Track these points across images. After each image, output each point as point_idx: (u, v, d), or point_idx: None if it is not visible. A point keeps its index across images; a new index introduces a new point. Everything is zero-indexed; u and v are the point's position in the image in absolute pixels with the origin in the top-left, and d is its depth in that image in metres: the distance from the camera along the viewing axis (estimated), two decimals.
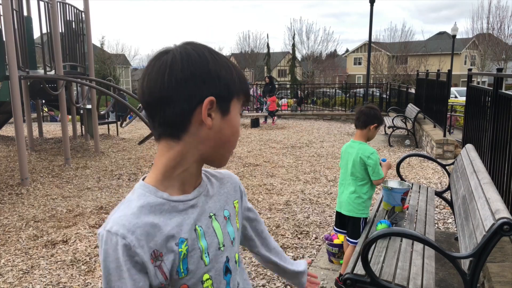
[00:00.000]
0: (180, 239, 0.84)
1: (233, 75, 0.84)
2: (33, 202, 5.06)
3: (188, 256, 0.85)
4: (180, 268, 0.84)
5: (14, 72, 5.59)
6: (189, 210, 0.87)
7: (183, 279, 0.85)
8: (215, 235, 0.90)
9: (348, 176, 2.99)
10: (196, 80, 0.79)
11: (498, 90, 3.72)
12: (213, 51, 0.85)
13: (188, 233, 0.85)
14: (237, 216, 1.01)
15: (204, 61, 0.81)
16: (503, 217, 1.93)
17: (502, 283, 2.41)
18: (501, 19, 27.43)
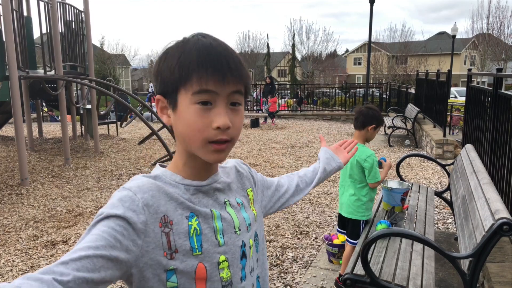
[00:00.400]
0: (191, 213, 0.86)
1: (173, 65, 0.81)
2: (33, 202, 5.06)
3: (202, 234, 0.86)
4: (194, 244, 0.84)
5: (14, 72, 5.59)
6: (200, 195, 0.89)
7: (198, 257, 0.84)
8: (232, 219, 0.92)
9: (347, 178, 2.98)
10: (154, 78, 0.88)
11: (498, 90, 3.73)
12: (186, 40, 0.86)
13: (200, 211, 0.87)
14: (252, 204, 1.02)
15: (161, 57, 0.86)
16: (503, 217, 1.93)
17: (501, 283, 2.41)
18: (501, 19, 27.43)
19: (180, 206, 0.84)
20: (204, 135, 0.81)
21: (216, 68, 0.79)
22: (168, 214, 0.82)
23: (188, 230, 0.83)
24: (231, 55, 0.83)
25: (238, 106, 0.85)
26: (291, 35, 41.86)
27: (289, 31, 64.07)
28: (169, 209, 0.83)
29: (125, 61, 52.41)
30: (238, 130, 0.86)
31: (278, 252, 3.61)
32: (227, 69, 0.80)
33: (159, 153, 7.80)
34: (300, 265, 3.40)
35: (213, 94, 0.80)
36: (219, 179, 0.93)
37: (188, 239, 0.83)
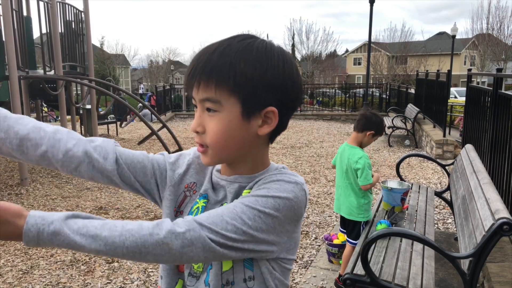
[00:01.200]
0: (204, 194, 0.91)
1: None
2: (32, 202, 5.06)
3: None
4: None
5: (14, 72, 5.58)
6: (219, 186, 0.92)
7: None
8: None
9: (344, 180, 2.95)
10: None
11: (498, 90, 3.73)
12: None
13: (213, 197, 0.91)
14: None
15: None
16: (503, 217, 1.93)
17: (501, 283, 2.41)
18: (501, 19, 27.43)
19: (206, 184, 0.92)
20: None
21: (187, 75, 0.82)
22: (197, 183, 0.93)
23: (193, 206, 0.91)
24: (205, 61, 0.78)
25: (213, 112, 0.80)
26: (291, 35, 41.86)
27: (289, 31, 64.06)
28: (199, 180, 0.93)
29: (124, 61, 52.40)
30: (212, 136, 0.81)
31: None
32: (194, 76, 0.80)
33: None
34: (300, 265, 3.39)
35: (194, 99, 0.83)
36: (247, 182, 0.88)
37: (188, 212, 0.91)
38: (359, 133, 2.93)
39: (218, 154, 0.84)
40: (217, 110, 0.80)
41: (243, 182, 0.88)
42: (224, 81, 0.77)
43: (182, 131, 11.37)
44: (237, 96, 0.79)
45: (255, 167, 0.89)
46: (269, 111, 0.82)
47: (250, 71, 0.78)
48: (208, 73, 0.78)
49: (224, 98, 0.79)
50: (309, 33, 42.02)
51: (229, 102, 0.79)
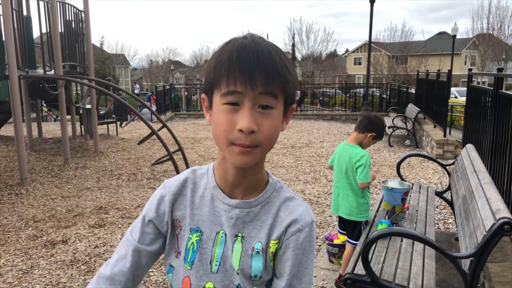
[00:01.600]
0: (196, 228, 0.89)
1: (211, 66, 0.82)
2: (32, 202, 5.05)
3: (198, 252, 0.88)
4: (187, 257, 0.89)
5: (14, 72, 5.58)
6: (221, 212, 0.88)
7: (187, 270, 0.89)
8: (231, 256, 0.87)
9: (344, 180, 2.93)
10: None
11: (499, 90, 3.72)
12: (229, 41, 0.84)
13: (207, 229, 0.88)
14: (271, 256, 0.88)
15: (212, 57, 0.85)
16: (504, 217, 1.92)
17: (502, 283, 2.41)
18: (501, 19, 27.42)
19: (194, 216, 0.90)
20: (228, 136, 0.79)
21: (243, 68, 0.77)
22: (180, 219, 0.91)
23: (187, 243, 0.89)
24: (266, 55, 0.78)
25: (269, 110, 0.79)
26: (291, 34, 41.86)
27: (289, 30, 64.04)
28: (184, 216, 0.90)
29: (124, 61, 52.42)
30: (266, 135, 0.80)
31: None
32: (255, 70, 0.77)
33: (158, 153, 7.79)
34: None
35: (239, 95, 0.78)
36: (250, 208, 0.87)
37: (185, 250, 0.90)
38: (360, 133, 2.92)
39: (264, 152, 0.84)
40: (273, 107, 0.80)
41: (245, 208, 0.88)
42: (284, 82, 0.80)
43: (182, 131, 11.37)
44: (285, 96, 0.82)
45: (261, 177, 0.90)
46: (291, 109, 0.88)
47: (294, 74, 0.84)
48: (273, 69, 0.78)
49: (280, 95, 0.81)
50: (309, 32, 42.01)
51: (280, 99, 0.82)
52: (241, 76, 0.76)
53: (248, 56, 0.77)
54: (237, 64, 0.77)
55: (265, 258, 0.87)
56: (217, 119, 0.81)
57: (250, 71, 0.76)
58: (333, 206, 3.07)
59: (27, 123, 8.09)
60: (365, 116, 2.95)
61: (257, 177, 0.89)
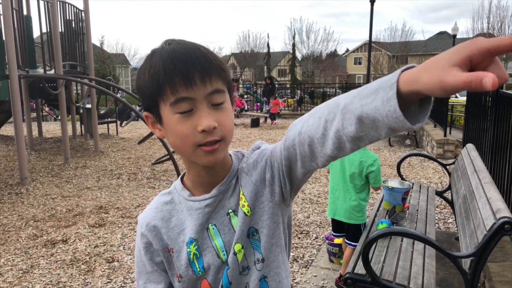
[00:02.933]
0: (189, 239, 0.90)
1: (146, 81, 0.80)
2: (32, 202, 5.05)
3: (202, 256, 0.89)
4: (195, 267, 0.89)
5: (14, 71, 5.58)
6: (204, 210, 0.89)
7: (201, 276, 0.90)
8: (233, 233, 0.88)
9: (346, 183, 2.91)
10: (138, 95, 0.87)
11: (499, 89, 3.72)
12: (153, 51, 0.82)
13: (197, 234, 0.89)
14: (241, 199, 0.89)
15: (138, 74, 0.85)
16: (504, 216, 1.92)
17: (502, 283, 2.41)
18: (502, 19, 27.45)
19: (182, 232, 0.91)
20: (192, 141, 0.79)
21: (183, 74, 0.77)
22: (169, 242, 0.91)
23: (188, 257, 0.90)
24: (197, 55, 0.79)
25: (221, 105, 0.81)
26: (292, 34, 41.87)
27: (289, 30, 64.05)
28: (171, 237, 0.91)
29: (125, 61, 52.40)
30: (227, 127, 0.81)
31: None
32: (194, 73, 0.77)
33: (158, 153, 7.79)
34: (301, 264, 3.39)
35: (189, 100, 0.78)
36: (225, 187, 0.89)
37: (189, 266, 0.90)
38: None
39: (228, 144, 0.85)
40: (224, 101, 0.82)
41: (225, 189, 0.89)
42: (222, 72, 0.82)
43: None
44: (227, 85, 0.84)
45: (227, 160, 0.91)
46: (234, 96, 0.92)
47: (225, 63, 0.85)
48: (209, 66, 0.79)
49: (224, 88, 0.83)
50: (310, 32, 42.13)
51: (226, 92, 0.83)
52: (184, 83, 0.76)
53: (183, 61, 0.77)
54: (175, 71, 0.77)
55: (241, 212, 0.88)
56: (173, 129, 0.80)
57: (190, 75, 0.77)
58: (331, 210, 3.05)
59: (27, 123, 8.09)
60: None
61: (227, 163, 0.90)
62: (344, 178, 2.93)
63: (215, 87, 0.80)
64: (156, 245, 0.92)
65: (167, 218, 0.92)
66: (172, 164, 6.18)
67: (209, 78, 0.79)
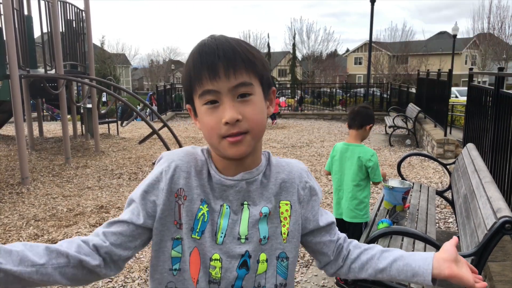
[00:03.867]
0: (204, 199, 0.88)
1: (184, 75, 0.85)
2: (33, 201, 5.06)
3: (207, 222, 0.88)
4: (196, 226, 0.88)
5: (15, 71, 5.58)
6: (224, 187, 0.89)
7: (196, 241, 0.87)
8: (239, 224, 0.89)
9: (349, 182, 2.92)
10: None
11: (500, 89, 3.72)
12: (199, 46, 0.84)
13: (213, 202, 0.88)
14: (284, 218, 0.93)
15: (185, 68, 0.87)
16: (505, 215, 1.92)
17: (503, 282, 2.41)
18: (502, 19, 27.44)
19: (201, 188, 0.88)
20: (217, 132, 0.82)
21: (208, 67, 0.79)
22: (185, 188, 0.88)
23: (196, 213, 0.87)
24: (224, 48, 0.80)
25: (248, 97, 0.82)
26: (292, 34, 41.86)
27: (289, 30, 64.05)
28: (189, 184, 0.88)
29: (125, 61, 52.44)
30: (252, 120, 0.82)
31: None
32: (219, 66, 0.79)
33: (159, 152, 7.79)
34: (301, 264, 3.39)
35: (214, 93, 0.80)
36: (254, 177, 0.90)
37: (193, 220, 0.87)
38: (358, 129, 2.93)
39: (255, 138, 0.85)
40: (251, 93, 0.83)
41: (250, 178, 0.90)
42: (251, 65, 0.82)
43: (182, 130, 11.37)
44: (259, 78, 0.84)
45: (258, 156, 0.92)
46: (272, 91, 0.91)
47: (260, 56, 0.86)
48: (237, 59, 0.80)
49: (253, 80, 0.83)
50: (310, 32, 42.11)
51: (256, 85, 0.84)
52: (209, 75, 0.79)
53: (209, 54, 0.80)
54: (201, 64, 0.80)
55: (275, 218, 0.92)
56: (203, 121, 0.84)
57: (213, 66, 0.79)
58: (336, 211, 3.04)
59: (28, 123, 8.10)
60: (355, 112, 2.95)
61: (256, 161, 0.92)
62: (345, 178, 2.94)
63: (240, 80, 0.80)
64: (165, 189, 0.87)
65: (193, 165, 0.89)
66: None
67: (234, 71, 0.80)
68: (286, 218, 0.93)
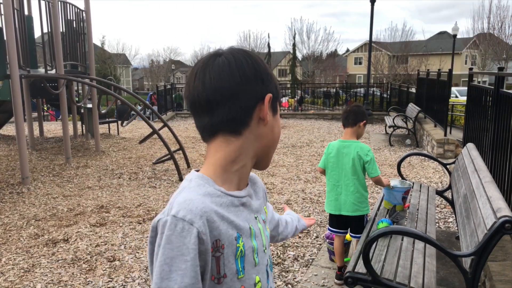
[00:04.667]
0: (237, 233, 0.83)
1: (273, 78, 0.90)
2: (34, 201, 5.06)
3: (245, 255, 0.84)
4: (238, 267, 0.83)
5: (15, 71, 5.59)
6: (241, 208, 0.88)
7: (241, 280, 0.84)
8: (261, 236, 0.91)
9: (348, 176, 2.97)
10: (258, 78, 0.84)
11: (499, 89, 3.72)
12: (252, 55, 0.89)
13: (243, 230, 0.85)
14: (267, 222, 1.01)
15: (261, 62, 0.87)
16: (505, 215, 1.93)
17: (503, 282, 2.41)
18: (502, 19, 27.42)
19: (230, 225, 0.82)
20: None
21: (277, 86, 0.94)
22: (220, 237, 0.79)
23: (235, 252, 0.82)
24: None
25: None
26: (292, 34, 41.85)
27: (289, 30, 64.05)
28: (222, 231, 0.80)
29: (125, 61, 52.44)
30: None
31: (279, 251, 3.61)
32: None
33: (160, 152, 7.80)
34: (301, 263, 3.40)
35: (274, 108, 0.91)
36: (251, 191, 0.93)
37: (235, 262, 0.82)
38: (353, 127, 3.03)
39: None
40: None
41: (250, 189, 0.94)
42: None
43: (183, 130, 11.37)
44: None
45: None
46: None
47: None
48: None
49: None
50: (310, 32, 42.12)
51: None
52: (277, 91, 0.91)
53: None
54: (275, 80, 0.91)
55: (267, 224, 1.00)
56: (276, 129, 0.91)
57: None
58: (334, 207, 3.06)
59: (28, 122, 8.10)
60: (348, 111, 3.08)
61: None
62: (344, 173, 2.99)
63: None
64: (208, 243, 0.77)
65: (214, 210, 0.80)
66: (173, 164, 6.19)
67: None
68: (265, 221, 0.98)
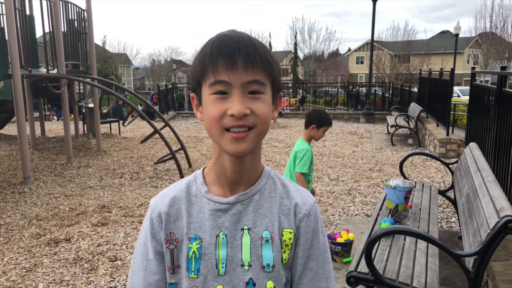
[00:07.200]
0: (194, 236, 0.86)
1: (196, 62, 0.83)
2: (35, 201, 5.07)
3: (201, 258, 0.85)
4: (191, 266, 0.86)
5: (17, 71, 5.59)
6: (218, 213, 0.86)
7: (194, 280, 0.86)
8: (240, 250, 0.86)
9: (286, 171, 3.35)
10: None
11: (502, 88, 3.71)
12: (212, 36, 0.84)
13: (206, 234, 0.86)
14: (285, 247, 0.88)
15: (196, 56, 0.86)
16: (508, 215, 1.92)
17: (506, 282, 2.40)
18: (504, 18, 27.34)
19: (189, 225, 0.87)
20: (220, 123, 0.79)
21: (226, 57, 0.78)
22: (174, 232, 0.88)
23: (187, 253, 0.87)
24: (245, 43, 0.79)
25: (258, 94, 0.80)
26: (293, 34, 41.80)
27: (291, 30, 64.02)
28: (178, 227, 0.88)
29: (127, 60, 52.47)
30: (259, 116, 0.80)
31: None
32: (237, 58, 0.77)
33: (161, 152, 7.80)
34: None
35: (226, 84, 0.78)
36: (246, 199, 0.87)
37: (186, 260, 0.87)
38: (306, 129, 3.33)
39: (259, 136, 0.82)
40: (262, 92, 0.81)
41: (244, 200, 0.87)
42: (268, 65, 0.81)
43: (184, 130, 11.38)
44: (272, 80, 0.84)
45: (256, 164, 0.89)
46: (279, 96, 0.90)
47: (276, 60, 0.85)
48: (255, 56, 0.79)
49: (267, 81, 0.82)
50: (312, 31, 42.01)
51: (268, 86, 0.83)
52: (226, 65, 0.77)
53: (230, 46, 0.78)
54: (219, 51, 0.78)
55: (278, 246, 0.87)
56: (207, 110, 0.81)
57: (232, 57, 0.78)
58: None
59: (30, 122, 8.11)
60: (305, 114, 3.38)
61: (255, 168, 0.89)
62: (288, 166, 3.38)
63: (256, 77, 0.79)
64: (161, 232, 0.89)
65: (177, 207, 0.89)
66: (175, 163, 6.18)
67: (252, 67, 0.78)
68: (288, 246, 0.88)
